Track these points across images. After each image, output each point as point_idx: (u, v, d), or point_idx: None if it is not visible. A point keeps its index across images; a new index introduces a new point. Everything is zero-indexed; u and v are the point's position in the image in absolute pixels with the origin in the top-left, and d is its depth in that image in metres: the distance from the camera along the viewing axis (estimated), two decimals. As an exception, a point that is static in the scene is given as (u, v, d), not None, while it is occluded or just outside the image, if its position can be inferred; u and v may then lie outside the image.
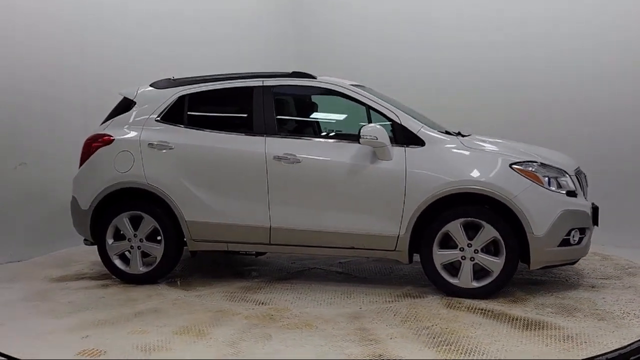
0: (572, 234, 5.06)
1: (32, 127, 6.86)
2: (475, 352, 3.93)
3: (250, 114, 5.56)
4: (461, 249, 5.07)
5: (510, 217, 4.98)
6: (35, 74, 6.86)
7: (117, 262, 5.72)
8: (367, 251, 5.37)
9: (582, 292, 5.24)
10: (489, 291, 5.06)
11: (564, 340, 4.12)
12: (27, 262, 6.64)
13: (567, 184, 5.14)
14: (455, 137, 5.33)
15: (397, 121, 5.27)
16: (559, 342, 4.08)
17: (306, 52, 9.58)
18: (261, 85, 5.59)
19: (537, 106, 7.74)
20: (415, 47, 8.64)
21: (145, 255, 5.69)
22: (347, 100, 5.51)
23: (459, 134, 5.50)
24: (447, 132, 5.43)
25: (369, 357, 3.87)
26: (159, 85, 5.92)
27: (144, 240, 5.64)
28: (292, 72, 5.70)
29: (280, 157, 5.33)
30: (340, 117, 5.91)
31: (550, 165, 5.16)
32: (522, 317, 4.60)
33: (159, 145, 5.58)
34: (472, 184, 4.99)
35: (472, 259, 5.05)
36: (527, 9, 7.84)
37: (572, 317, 4.60)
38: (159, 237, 5.64)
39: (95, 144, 5.77)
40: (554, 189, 5.06)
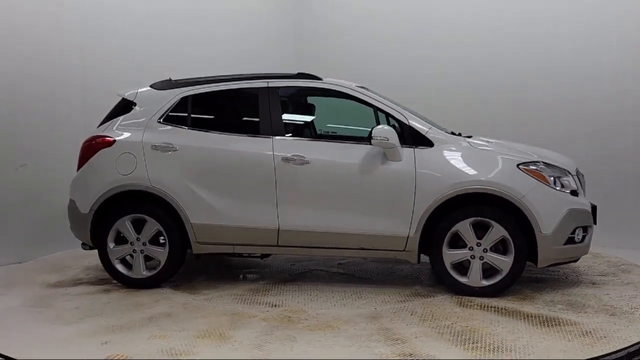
0: (577, 232, 5.19)
1: (32, 129, 6.85)
2: (502, 349, 3.99)
3: (256, 116, 5.53)
4: (470, 248, 5.14)
5: (518, 216, 5.07)
6: (36, 75, 6.87)
7: (119, 267, 5.60)
8: (376, 252, 5.39)
9: (586, 289, 5.38)
10: (498, 289, 5.14)
11: (584, 335, 4.22)
12: (18, 267, 6.47)
13: (570, 184, 5.27)
14: (462, 138, 5.40)
15: (406, 122, 5.32)
16: (580, 337, 4.18)
17: (306, 51, 9.60)
18: (266, 86, 5.56)
19: (536, 106, 7.82)
20: (415, 47, 8.69)
21: (147, 259, 5.59)
22: (353, 102, 5.53)
23: (459, 135, 5.58)
24: (452, 133, 5.50)
25: (400, 356, 3.89)
26: (159, 86, 5.83)
27: (147, 243, 5.54)
28: (297, 74, 5.70)
29: (288, 159, 5.31)
30: (346, 118, 5.91)
31: (554, 165, 5.28)
32: (536, 313, 4.70)
33: (163, 147, 5.49)
34: (482, 184, 5.07)
35: (481, 258, 5.13)
36: (526, 9, 7.91)
37: (584, 313, 4.71)
38: (162, 241, 5.55)
39: (95, 145, 5.64)
40: (559, 188, 5.18)
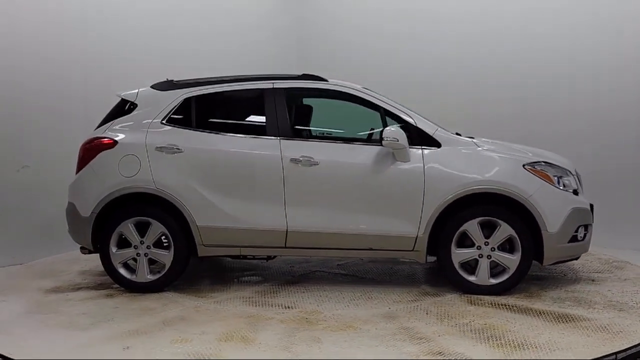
0: (579, 231, 5.32)
1: (34, 130, 6.89)
2: (527, 346, 4.06)
3: (262, 117, 5.49)
4: (478, 248, 5.22)
5: (524, 215, 5.18)
6: (37, 76, 6.84)
7: (122, 271, 5.49)
8: (384, 252, 5.41)
9: (587, 286, 5.52)
10: (506, 287, 5.23)
11: (600, 330, 4.33)
12: (6, 272, 6.29)
13: (571, 183, 5.40)
14: (467, 138, 5.48)
15: (413, 123, 5.37)
16: (597, 333, 4.28)
17: (306, 51, 9.61)
18: (272, 87, 5.54)
19: (534, 106, 7.89)
20: (415, 47, 8.76)
21: (151, 262, 5.50)
22: (357, 103, 5.57)
23: (459, 136, 5.65)
24: (457, 134, 5.58)
25: (430, 355, 3.93)
26: (160, 87, 5.74)
27: (151, 247, 5.45)
28: (302, 75, 5.69)
29: (297, 160, 5.30)
30: (348, 120, 5.92)
31: (556, 165, 5.41)
32: (548, 310, 4.80)
33: (168, 148, 5.41)
34: (492, 185, 5.15)
35: (489, 257, 5.21)
36: (527, 8, 7.96)
37: (592, 309, 4.84)
38: (165, 243, 5.47)
39: (95, 147, 5.51)
40: (561, 188, 5.30)
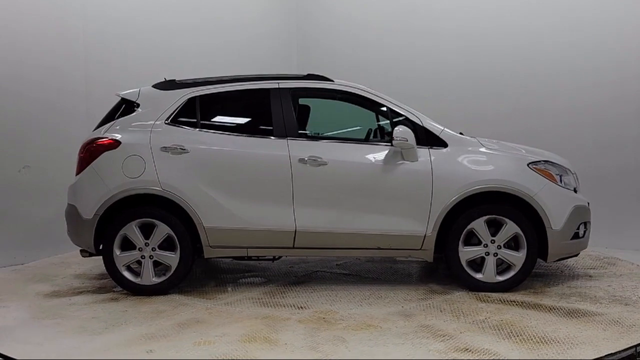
0: (580, 228, 5.46)
1: (36, 130, 6.93)
2: (548, 341, 4.13)
3: (268, 117, 5.47)
4: (485, 245, 5.30)
5: (529, 213, 5.28)
6: (39, 76, 6.87)
7: (127, 274, 5.38)
8: (392, 251, 5.45)
9: (587, 282, 5.66)
10: (512, 284, 5.33)
11: (614, 324, 4.45)
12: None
13: (571, 182, 5.54)
14: (472, 138, 5.56)
15: (420, 124, 5.42)
16: (612, 326, 4.40)
17: (307, 51, 9.60)
18: (278, 87, 5.52)
19: (533, 107, 7.96)
20: (416, 46, 8.81)
21: (155, 265, 5.41)
22: (363, 103, 5.61)
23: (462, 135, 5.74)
24: (460, 134, 5.65)
25: (457, 351, 3.97)
26: (163, 86, 5.66)
27: (157, 249, 5.36)
28: (307, 75, 5.69)
29: (305, 160, 5.29)
30: (358, 120, 5.95)
31: (558, 163, 5.53)
32: (557, 306, 4.90)
33: (173, 148, 5.33)
34: (499, 183, 5.25)
35: (495, 255, 5.30)
36: (528, 8, 8.01)
37: (599, 304, 4.96)
38: (168, 245, 5.39)
39: (97, 148, 5.39)
40: (564, 186, 5.43)
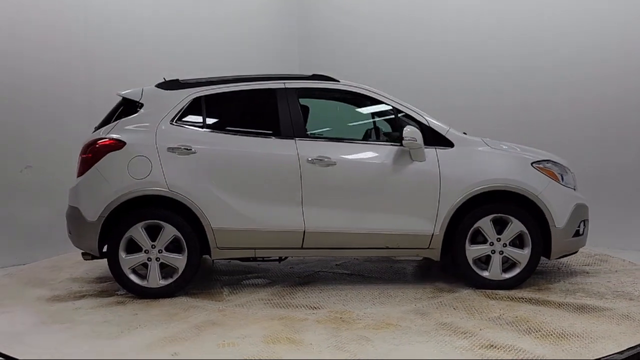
0: (580, 226, 5.59)
1: (37, 130, 6.99)
2: (568, 335, 4.22)
3: (275, 117, 5.44)
4: (491, 244, 5.38)
5: (533, 212, 5.38)
6: (40, 76, 6.91)
7: (133, 277, 5.29)
8: (400, 250, 5.49)
9: (586, 278, 5.79)
10: (517, 282, 5.42)
11: (625, 319, 4.56)
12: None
13: (570, 181, 5.67)
14: (476, 138, 5.63)
15: (426, 124, 5.47)
16: (625, 321, 4.51)
17: (308, 51, 9.56)
18: (284, 87, 5.50)
19: (535, 107, 7.97)
20: (417, 46, 8.81)
21: (160, 267, 5.33)
22: (369, 103, 5.65)
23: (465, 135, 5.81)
24: (464, 133, 5.73)
25: (483, 348, 4.02)
26: (167, 86, 5.58)
27: (163, 251, 5.28)
28: (312, 75, 5.69)
29: (314, 160, 5.29)
30: (364, 120, 5.96)
31: (558, 163, 5.65)
32: (565, 302, 5.00)
33: (180, 149, 5.27)
34: (504, 182, 5.33)
35: (501, 253, 5.39)
36: (530, 10, 7.99)
37: (605, 299, 5.09)
38: (172, 247, 5.32)
39: (101, 149, 5.28)
40: (565, 184, 5.55)
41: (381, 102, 5.58)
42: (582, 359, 3.86)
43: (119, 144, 5.28)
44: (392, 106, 5.55)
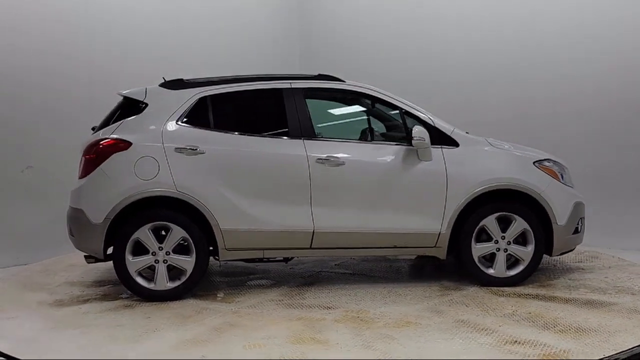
0: (579, 223, 5.74)
1: (38, 130, 7.00)
2: (586, 330, 4.31)
3: (283, 117, 5.42)
4: (496, 242, 5.48)
5: (535, 210, 5.50)
6: (41, 76, 6.91)
7: (140, 280, 5.19)
8: (407, 249, 5.54)
9: (583, 274, 5.94)
10: (521, 278, 5.53)
11: (635, 312, 4.68)
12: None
13: (568, 179, 5.81)
14: (480, 137, 5.72)
15: (431, 123, 5.52)
16: (635, 315, 4.62)
17: (309, 51, 9.51)
18: (290, 87, 5.49)
19: (536, 106, 8.01)
20: (418, 46, 8.81)
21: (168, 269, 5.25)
22: (375, 103, 5.69)
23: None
24: (467, 133, 5.80)
25: (508, 344, 4.07)
26: (171, 85, 5.50)
27: (171, 253, 5.20)
28: (318, 75, 5.68)
29: (323, 160, 5.29)
30: (370, 120, 5.98)
31: (557, 161, 5.79)
32: (571, 297, 5.13)
33: (188, 149, 5.20)
34: (510, 181, 5.44)
35: (505, 250, 5.49)
36: (531, 11, 8.02)
37: (608, 294, 5.22)
38: (179, 249, 5.25)
39: (106, 149, 5.17)
40: (564, 183, 5.69)
41: (386, 102, 5.61)
42: (587, 358, 3.89)
43: (124, 145, 5.18)
44: (397, 106, 5.59)
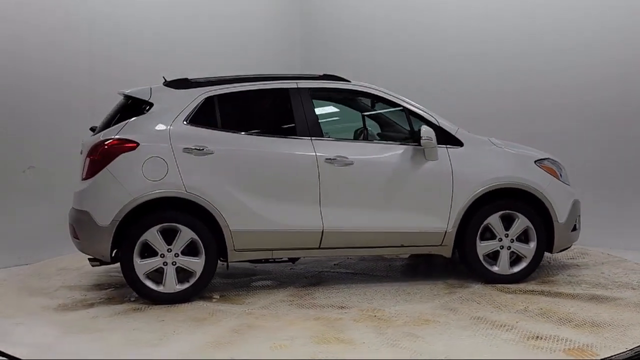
0: (577, 220, 5.88)
1: (39, 130, 6.95)
2: (601, 324, 4.41)
3: (290, 117, 5.41)
4: (500, 240, 5.57)
5: (537, 208, 5.61)
6: (43, 77, 6.89)
7: (148, 282, 5.10)
8: (414, 248, 5.59)
9: (579, 270, 6.08)
10: (524, 275, 5.63)
11: (640, 306, 4.86)
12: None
13: (566, 177, 5.95)
14: (485, 137, 5.80)
15: (436, 123, 5.58)
16: (642, 308, 4.80)
17: (309, 51, 9.46)
18: (296, 87, 5.47)
19: (536, 106, 7.97)
20: (418, 45, 8.76)
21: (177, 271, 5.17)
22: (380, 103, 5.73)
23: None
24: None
25: (531, 339, 4.14)
26: (177, 85, 5.43)
27: (180, 254, 5.12)
28: (323, 75, 5.69)
29: (332, 160, 5.29)
30: (376, 119, 6.00)
31: (555, 160, 5.92)
32: (576, 293, 5.25)
33: (197, 149, 5.13)
34: (513, 180, 5.54)
35: (508, 248, 5.58)
36: (530, 8, 7.98)
37: (610, 289, 5.36)
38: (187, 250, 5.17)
39: (113, 150, 5.07)
40: (563, 181, 5.82)
41: (392, 102, 5.64)
42: (591, 358, 3.91)
43: (131, 145, 5.08)
44: (402, 106, 5.63)
